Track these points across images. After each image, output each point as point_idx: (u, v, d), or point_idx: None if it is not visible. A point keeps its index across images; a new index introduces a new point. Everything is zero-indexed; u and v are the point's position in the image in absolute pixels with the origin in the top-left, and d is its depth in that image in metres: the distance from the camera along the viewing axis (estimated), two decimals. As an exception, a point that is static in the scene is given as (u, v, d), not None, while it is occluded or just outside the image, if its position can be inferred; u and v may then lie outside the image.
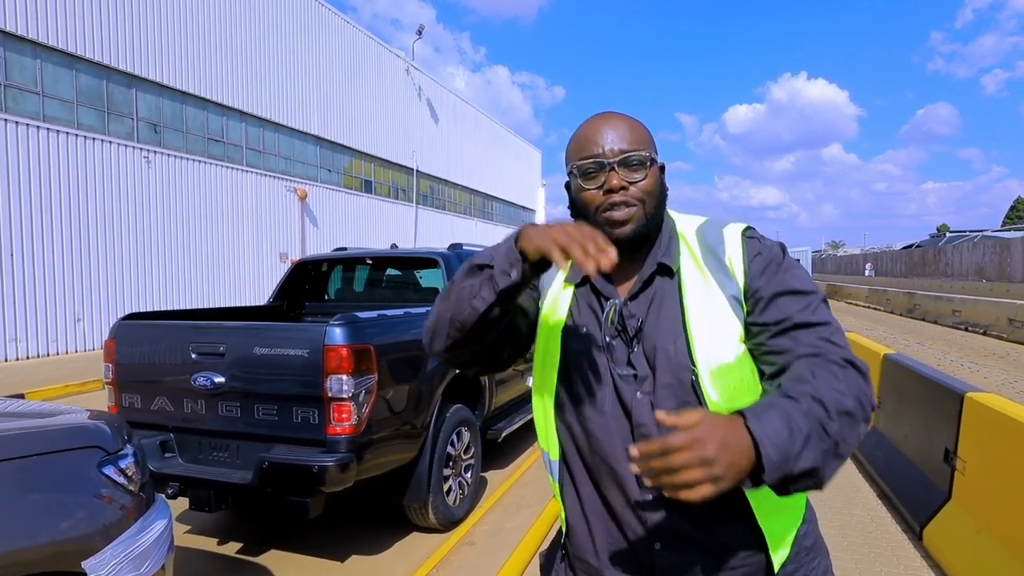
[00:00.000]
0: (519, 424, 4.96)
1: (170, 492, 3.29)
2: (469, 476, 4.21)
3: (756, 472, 0.79)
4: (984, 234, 35.54)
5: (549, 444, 1.17)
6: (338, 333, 3.11)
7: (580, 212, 1.10)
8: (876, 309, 22.46)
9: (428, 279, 5.54)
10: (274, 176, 17.95)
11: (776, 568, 1.03)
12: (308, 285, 5.60)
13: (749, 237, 1.09)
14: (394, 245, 7.27)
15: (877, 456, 4.65)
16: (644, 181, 1.06)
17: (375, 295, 5.67)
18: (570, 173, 1.11)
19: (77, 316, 12.21)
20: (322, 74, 19.93)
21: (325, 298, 5.71)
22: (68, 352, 12.04)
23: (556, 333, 1.13)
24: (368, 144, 22.34)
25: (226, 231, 16.13)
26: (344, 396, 3.08)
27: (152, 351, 3.54)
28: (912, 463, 4.07)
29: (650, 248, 1.11)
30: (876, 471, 4.52)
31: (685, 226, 1.14)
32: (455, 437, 4.00)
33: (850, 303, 26.59)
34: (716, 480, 0.74)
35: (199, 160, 15.35)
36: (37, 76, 11.78)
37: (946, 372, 4.61)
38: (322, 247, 19.18)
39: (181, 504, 3.61)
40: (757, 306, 1.03)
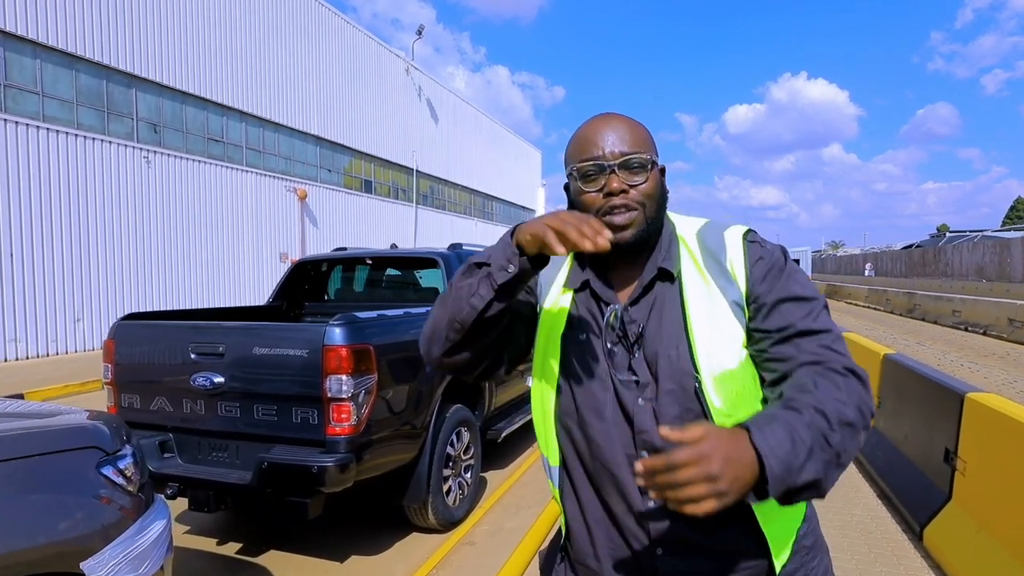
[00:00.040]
0: (519, 424, 4.96)
1: (169, 492, 3.29)
2: (469, 476, 4.21)
3: (760, 485, 0.79)
4: (984, 234, 35.54)
5: (549, 450, 1.16)
6: (337, 333, 3.11)
7: None
8: (876, 309, 22.46)
9: (428, 279, 5.53)
10: (274, 176, 17.95)
11: (778, 570, 1.03)
12: (308, 285, 5.60)
13: (750, 241, 1.08)
14: (394, 245, 7.27)
15: (877, 456, 4.64)
16: (645, 184, 1.05)
17: (375, 295, 5.66)
18: (569, 175, 1.09)
19: (77, 316, 12.21)
20: (322, 74, 19.93)
21: (325, 298, 5.71)
22: (68, 352, 12.04)
23: (556, 338, 1.12)
24: (368, 144, 22.34)
25: (226, 231, 16.13)
26: (343, 396, 3.08)
27: (151, 351, 3.54)
28: (912, 463, 4.07)
29: (650, 252, 1.10)
30: (876, 471, 4.52)
31: (685, 229, 1.12)
32: (455, 437, 4.00)
33: (850, 303, 26.59)
34: (721, 495, 0.75)
35: (199, 160, 15.34)
36: (37, 76, 11.78)
37: (946, 372, 4.61)
38: (322, 247, 19.17)
39: (180, 504, 3.60)
40: (759, 312, 1.03)
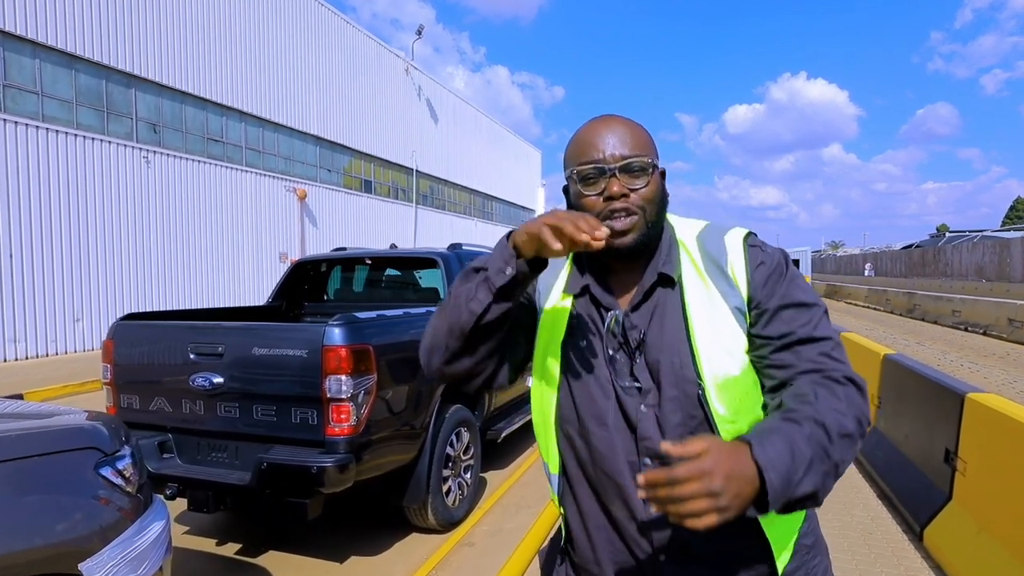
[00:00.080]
0: (519, 424, 4.95)
1: (168, 493, 3.29)
2: (468, 477, 4.21)
3: (760, 499, 0.80)
4: (984, 234, 35.53)
5: (549, 456, 1.15)
6: (337, 333, 3.10)
7: None
8: (876, 309, 22.46)
9: (427, 279, 5.53)
10: (274, 176, 17.94)
11: (780, 570, 1.03)
12: (307, 285, 5.59)
13: (751, 245, 1.07)
14: (393, 245, 7.26)
15: (877, 456, 4.64)
16: (645, 188, 1.04)
17: (374, 295, 5.66)
18: (569, 178, 1.08)
19: (76, 316, 12.20)
20: (321, 74, 19.92)
21: (324, 298, 5.70)
22: (67, 352, 12.03)
23: (556, 345, 1.11)
24: (368, 144, 22.34)
25: (226, 231, 16.12)
26: (343, 397, 3.07)
27: (151, 351, 3.53)
28: (912, 463, 4.07)
29: (650, 257, 1.08)
30: (876, 471, 4.51)
31: (685, 232, 1.11)
32: (454, 438, 4.00)
33: (850, 303, 26.59)
34: (722, 510, 0.75)
35: (198, 160, 15.34)
36: (36, 76, 11.78)
37: (946, 372, 4.61)
38: (322, 247, 19.16)
39: (179, 505, 3.59)
40: (760, 319, 1.02)
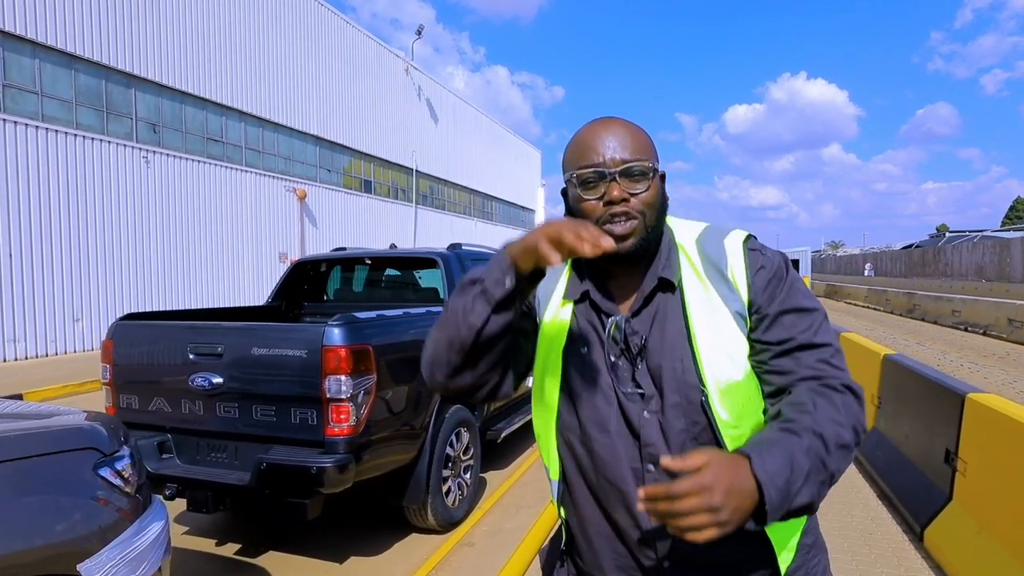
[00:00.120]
0: (518, 425, 4.95)
1: (168, 493, 3.28)
2: (468, 477, 4.20)
3: (759, 511, 0.81)
4: (984, 234, 35.53)
5: (550, 462, 1.15)
6: (336, 333, 3.10)
7: None
8: (876, 309, 22.45)
9: (427, 279, 5.52)
10: (273, 176, 17.94)
11: (783, 572, 1.03)
12: (307, 285, 5.59)
13: (751, 249, 1.07)
14: (393, 245, 7.26)
15: (877, 456, 4.64)
16: (646, 193, 1.02)
17: (374, 295, 5.66)
18: (568, 181, 1.06)
19: (76, 316, 12.20)
20: (321, 74, 19.92)
21: (324, 298, 5.70)
22: (67, 352, 12.03)
23: (557, 352, 1.10)
24: (367, 144, 22.33)
25: (225, 231, 16.12)
26: (342, 397, 3.07)
27: (150, 351, 3.52)
28: (913, 464, 4.06)
29: (650, 261, 1.07)
30: (876, 471, 4.51)
31: (684, 236, 1.10)
32: (454, 438, 3.99)
33: (850, 303, 26.59)
34: (722, 525, 0.76)
35: (198, 160, 15.33)
36: (36, 76, 11.77)
37: (946, 372, 4.60)
38: (321, 247, 19.16)
39: (179, 505, 3.59)
40: (761, 324, 1.02)
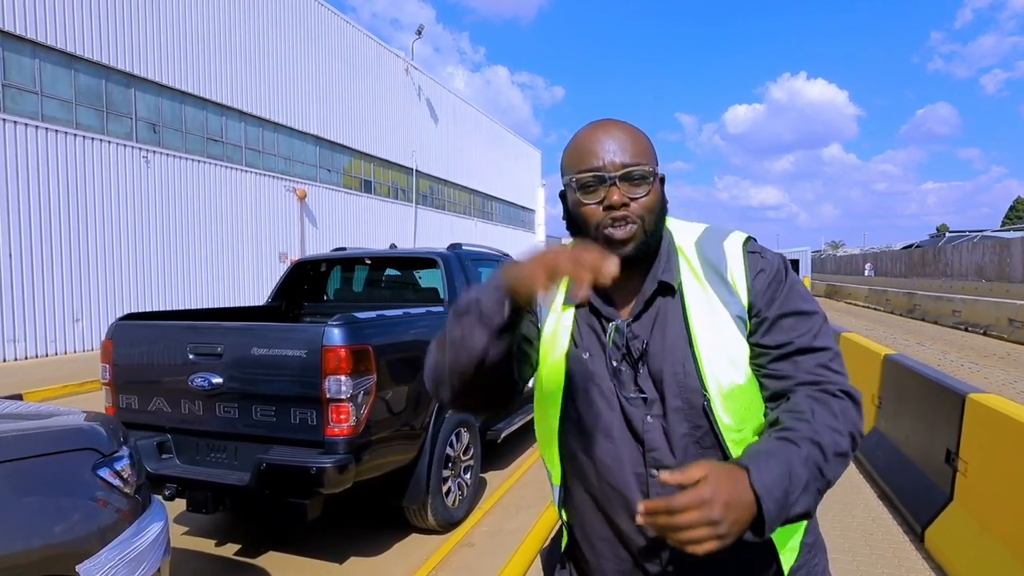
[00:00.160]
0: (518, 425, 4.94)
1: (167, 494, 3.28)
2: (468, 477, 4.20)
3: (757, 521, 0.81)
4: (984, 234, 35.53)
5: (552, 467, 1.15)
6: (336, 334, 3.10)
7: (577, 227, 1.06)
8: (876, 309, 22.45)
9: (427, 279, 5.52)
10: (273, 176, 17.93)
11: (785, 571, 1.04)
12: (307, 285, 5.58)
13: (751, 251, 1.06)
14: (393, 245, 7.25)
15: (878, 457, 4.63)
16: (646, 198, 1.01)
17: (374, 295, 5.65)
18: (567, 185, 1.05)
19: (76, 316, 12.20)
20: (321, 74, 19.91)
21: (324, 298, 5.70)
22: (67, 352, 12.02)
23: (558, 357, 1.09)
24: (367, 144, 22.33)
25: (225, 231, 16.11)
26: (342, 397, 3.06)
27: (149, 352, 3.52)
28: (913, 464, 4.06)
29: (649, 264, 1.07)
30: (877, 472, 4.51)
31: (683, 238, 1.10)
32: (454, 438, 3.99)
33: (850, 303, 26.58)
34: (721, 537, 0.77)
35: (198, 160, 15.33)
36: (36, 76, 11.77)
37: (946, 372, 4.60)
38: (321, 247, 19.15)
39: (179, 505, 3.58)
40: (760, 327, 1.01)
